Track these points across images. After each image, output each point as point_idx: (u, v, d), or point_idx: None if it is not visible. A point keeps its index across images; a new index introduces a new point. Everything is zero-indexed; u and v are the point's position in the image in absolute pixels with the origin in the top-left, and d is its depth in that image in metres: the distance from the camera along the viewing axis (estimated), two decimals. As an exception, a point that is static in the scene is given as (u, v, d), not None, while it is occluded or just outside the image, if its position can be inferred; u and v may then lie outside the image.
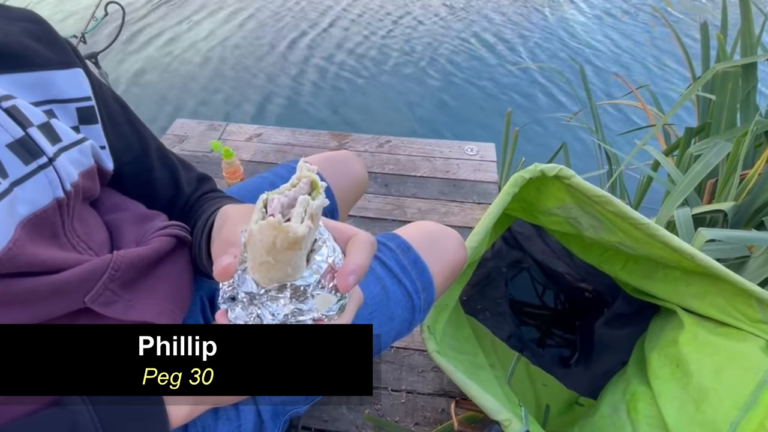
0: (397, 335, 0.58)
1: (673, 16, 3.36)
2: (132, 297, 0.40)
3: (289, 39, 3.34)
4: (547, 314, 1.28)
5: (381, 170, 1.58)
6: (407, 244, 0.59)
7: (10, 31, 0.40)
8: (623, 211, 0.69)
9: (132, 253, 0.40)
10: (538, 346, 1.19)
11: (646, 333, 0.89)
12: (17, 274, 0.33)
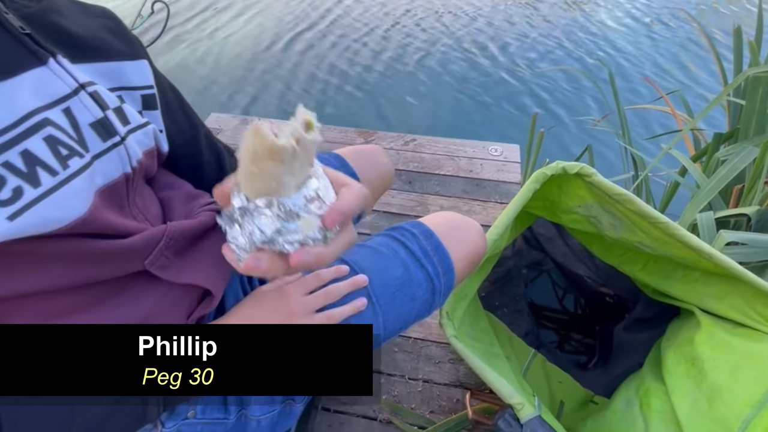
0: (417, 316, 0.61)
1: (705, 22, 3.28)
2: (182, 263, 0.45)
3: (317, 37, 3.42)
4: (566, 318, 1.29)
5: (405, 167, 1.62)
6: (430, 230, 0.62)
7: (90, 26, 0.46)
8: (643, 209, 0.71)
9: (183, 225, 0.46)
10: (557, 348, 1.20)
11: (664, 334, 0.89)
12: (93, 235, 0.38)
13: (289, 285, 0.52)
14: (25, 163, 0.32)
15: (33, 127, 0.34)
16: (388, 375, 1.07)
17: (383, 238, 0.63)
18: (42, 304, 0.37)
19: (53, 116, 0.35)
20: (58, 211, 0.34)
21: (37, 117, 0.34)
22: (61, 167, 0.34)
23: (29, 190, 0.32)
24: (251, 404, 0.51)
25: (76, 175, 0.35)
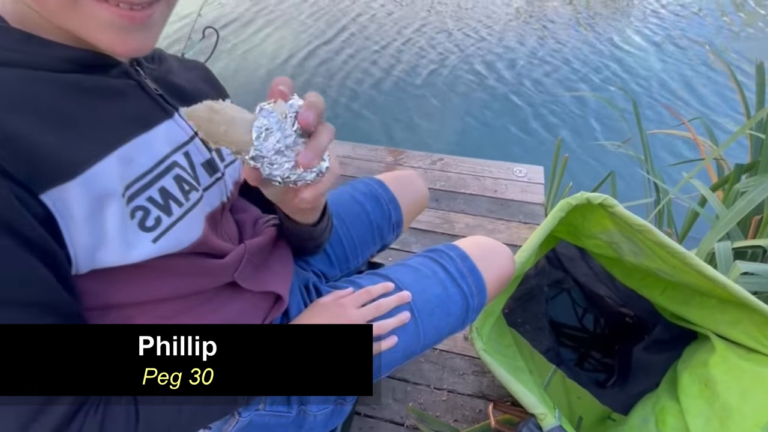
0: (452, 330, 0.69)
1: (727, 53, 3.29)
2: (259, 275, 0.54)
3: (349, 56, 3.55)
4: (585, 337, 1.32)
5: (432, 186, 1.70)
6: (465, 253, 0.70)
7: (190, 78, 0.56)
8: (661, 240, 0.77)
9: (256, 242, 0.55)
10: (577, 366, 1.24)
11: (681, 357, 0.94)
12: (200, 254, 0.47)
13: (344, 298, 0.61)
14: (162, 198, 0.42)
15: (166, 169, 0.43)
16: (414, 383, 1.14)
17: (423, 259, 0.71)
18: (159, 308, 0.46)
19: (178, 159, 0.45)
20: (184, 235, 0.43)
21: (168, 160, 0.44)
22: (185, 200, 0.44)
23: (165, 219, 0.41)
24: (310, 402, 0.59)
25: (194, 206, 0.45)
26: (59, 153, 0.34)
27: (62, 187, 0.34)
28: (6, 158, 0.31)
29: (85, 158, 0.36)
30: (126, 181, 0.39)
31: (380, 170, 1.80)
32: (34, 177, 0.32)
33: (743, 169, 1.16)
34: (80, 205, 0.35)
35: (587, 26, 3.84)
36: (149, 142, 0.42)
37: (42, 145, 0.33)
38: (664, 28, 3.79)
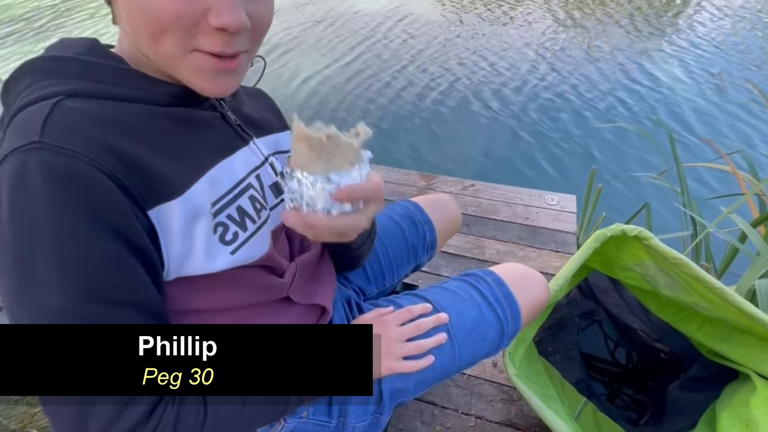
0: (487, 353, 0.71)
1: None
2: (308, 289, 0.59)
3: (383, 82, 3.66)
4: (617, 371, 1.29)
5: (464, 211, 1.72)
6: (501, 279, 0.73)
7: (257, 107, 0.62)
8: (698, 274, 0.77)
9: (305, 258, 0.60)
10: (608, 401, 1.21)
11: (720, 396, 0.92)
12: (263, 267, 0.52)
13: (386, 316, 0.64)
14: (239, 215, 0.47)
15: (243, 189, 0.48)
16: (442, 407, 1.14)
17: (460, 283, 0.74)
18: (227, 316, 0.51)
19: (252, 181, 0.50)
20: (256, 249, 0.48)
21: (244, 183, 0.49)
22: (257, 218, 0.49)
23: (242, 234, 0.46)
24: (350, 413, 0.62)
25: (264, 223, 0.50)
26: (166, 176, 0.40)
27: (166, 205, 0.40)
28: (130, 179, 0.37)
29: (185, 181, 0.42)
30: (212, 201, 0.44)
31: (412, 194, 1.84)
32: (146, 196, 0.38)
33: (785, 205, 1.14)
34: (178, 221, 0.40)
35: (624, 57, 3.84)
36: (231, 166, 0.48)
37: (155, 169, 0.39)
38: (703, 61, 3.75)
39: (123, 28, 0.42)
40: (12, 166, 0.33)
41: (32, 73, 0.40)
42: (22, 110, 0.37)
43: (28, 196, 0.33)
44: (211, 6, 0.37)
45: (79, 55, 0.42)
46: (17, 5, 5.69)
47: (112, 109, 0.40)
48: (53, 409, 0.37)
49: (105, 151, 0.36)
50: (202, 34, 0.39)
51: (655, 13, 4.84)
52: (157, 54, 0.40)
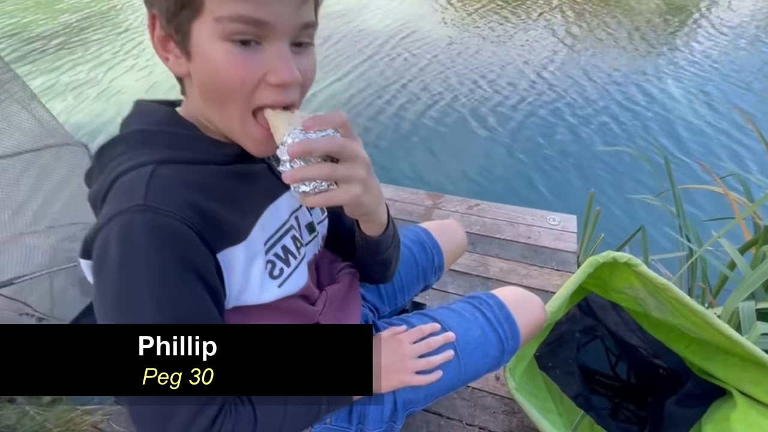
0: (489, 369, 0.79)
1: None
2: (336, 316, 0.67)
3: (384, 99, 3.77)
4: (618, 386, 1.33)
5: (468, 230, 1.80)
6: (502, 302, 0.81)
7: None
8: (682, 298, 0.85)
9: (334, 288, 0.68)
10: (609, 416, 1.25)
11: (706, 411, 0.99)
12: (302, 297, 0.61)
13: (400, 335, 0.73)
14: (284, 253, 0.56)
15: (287, 230, 0.58)
16: (447, 418, 1.22)
17: (465, 305, 0.82)
18: None
19: (293, 222, 0.59)
20: (297, 281, 0.57)
21: (288, 224, 0.58)
22: (298, 254, 0.58)
23: (286, 269, 0.55)
24: (367, 421, 0.70)
25: (303, 259, 0.59)
26: (232, 225, 0.49)
27: (231, 249, 0.49)
28: (206, 231, 0.46)
29: (246, 228, 0.51)
30: (263, 241, 0.53)
31: (420, 212, 1.93)
32: (217, 242, 0.47)
33: (773, 230, 1.21)
34: (240, 262, 0.49)
35: (623, 77, 3.94)
36: (277, 210, 0.57)
37: (224, 220, 0.48)
38: (700, 81, 3.83)
39: (193, 99, 0.52)
40: (121, 223, 0.42)
41: (126, 143, 0.50)
42: (123, 175, 0.46)
43: (134, 246, 0.42)
44: (270, 69, 0.45)
45: (163, 126, 0.51)
46: (35, 24, 5.90)
47: (192, 172, 0.49)
48: (138, 409, 0.46)
49: (190, 209, 0.45)
50: (261, 92, 0.47)
51: (654, 31, 4.94)
52: (222, 120, 0.49)
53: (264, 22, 0.43)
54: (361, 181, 0.48)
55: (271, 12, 0.43)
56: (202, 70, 0.46)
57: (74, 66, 4.67)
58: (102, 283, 0.44)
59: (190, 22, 0.44)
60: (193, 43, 0.45)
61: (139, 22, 5.86)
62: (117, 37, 5.35)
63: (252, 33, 0.43)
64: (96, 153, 0.51)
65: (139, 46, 5.06)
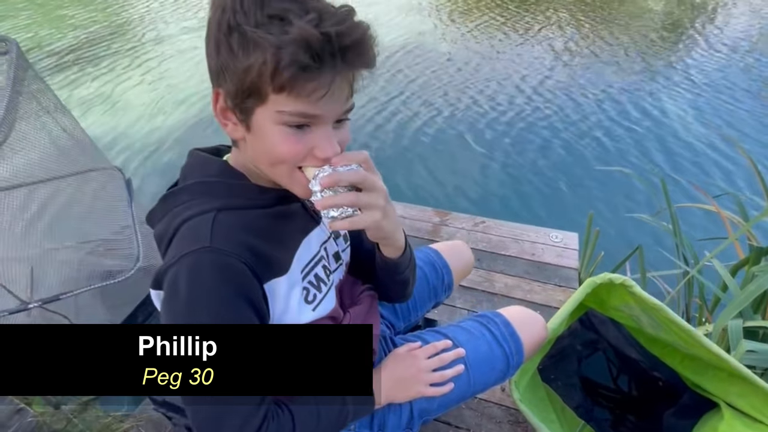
0: (495, 382, 0.87)
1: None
2: None
3: (383, 116, 3.88)
4: (619, 398, 1.38)
5: (474, 246, 1.89)
6: (508, 321, 0.89)
7: None
8: (673, 318, 0.93)
9: (356, 309, 0.77)
10: (610, 427, 1.31)
11: (698, 422, 1.06)
12: (329, 318, 0.69)
13: (416, 351, 0.81)
14: (316, 281, 0.65)
15: (318, 260, 0.66)
16: (456, 427, 1.29)
17: (474, 323, 0.90)
18: None
19: (323, 253, 0.68)
20: (328, 305, 0.66)
21: (319, 255, 0.67)
22: (327, 280, 0.67)
23: (318, 295, 0.64)
24: (387, 427, 0.79)
25: (332, 285, 0.68)
26: (277, 260, 0.58)
27: (276, 280, 0.58)
28: (257, 266, 0.55)
29: (288, 261, 0.60)
30: (299, 271, 0.62)
31: (428, 229, 2.02)
32: (264, 275, 0.56)
33: (763, 252, 1.29)
34: (283, 290, 0.59)
35: (621, 98, 4.04)
36: (309, 243, 0.66)
37: (271, 256, 0.57)
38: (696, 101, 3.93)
39: (244, 151, 0.60)
40: (190, 261, 0.52)
41: (189, 192, 0.59)
42: (189, 220, 0.55)
43: (201, 281, 0.51)
44: (316, 145, 0.54)
45: (219, 177, 0.60)
46: (45, 41, 6.08)
47: (244, 216, 0.58)
48: (196, 411, 0.54)
49: (245, 249, 0.54)
50: (309, 159, 0.55)
51: (650, 48, 5.04)
52: (274, 174, 0.58)
53: (317, 116, 0.52)
54: (381, 208, 0.57)
55: (323, 108, 0.52)
56: (260, 143, 0.55)
57: (87, 81, 4.83)
58: (172, 311, 0.53)
59: (254, 107, 0.52)
60: (254, 121, 0.53)
61: (147, 37, 6.03)
62: (120, 56, 5.52)
63: (305, 122, 0.53)
64: (161, 198, 0.61)
65: (147, 63, 5.21)
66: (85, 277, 1.57)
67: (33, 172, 1.09)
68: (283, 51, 0.46)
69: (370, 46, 0.50)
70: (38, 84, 1.06)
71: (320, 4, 0.48)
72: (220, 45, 0.50)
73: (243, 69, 0.49)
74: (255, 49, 0.48)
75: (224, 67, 0.51)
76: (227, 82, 0.51)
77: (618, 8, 6.39)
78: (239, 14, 0.48)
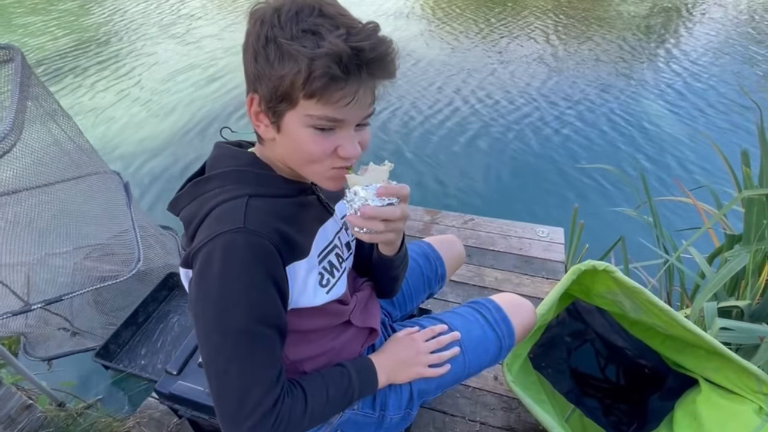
0: (489, 363, 0.92)
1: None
2: (363, 316, 0.81)
3: (378, 120, 3.95)
4: (608, 387, 1.44)
5: (465, 243, 1.94)
6: (499, 306, 0.95)
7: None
8: (652, 299, 0.99)
9: (361, 294, 0.82)
10: (603, 415, 1.36)
11: (679, 398, 1.13)
12: (338, 301, 0.74)
13: (414, 334, 0.86)
14: (329, 267, 0.69)
15: (332, 248, 0.71)
16: (451, 415, 1.34)
17: (467, 308, 0.96)
18: (313, 335, 0.73)
19: (336, 241, 0.73)
20: (340, 289, 0.71)
21: (332, 243, 0.72)
22: (340, 267, 0.72)
23: (332, 279, 0.69)
24: (388, 407, 0.83)
25: (344, 271, 0.72)
26: (300, 244, 0.63)
27: (297, 263, 0.62)
28: (283, 249, 0.59)
29: (308, 247, 0.64)
30: (316, 256, 0.67)
31: (419, 227, 2.07)
32: (288, 258, 0.60)
33: (735, 239, 1.37)
34: (302, 273, 0.63)
35: (604, 98, 4.16)
36: (324, 231, 0.71)
37: (295, 240, 0.62)
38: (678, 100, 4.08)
39: (271, 149, 0.64)
40: (224, 240, 0.55)
41: (220, 179, 0.63)
42: (223, 204, 0.59)
43: (235, 258, 0.55)
44: (340, 145, 0.59)
45: (250, 167, 0.64)
46: (36, 49, 6.04)
47: (273, 203, 0.62)
48: (219, 387, 0.58)
49: (275, 232, 0.58)
50: (335, 159, 0.60)
51: (634, 50, 5.21)
52: (304, 172, 0.62)
53: (341, 120, 0.57)
54: (400, 232, 0.65)
55: (348, 114, 0.57)
56: (289, 143, 0.59)
57: (77, 89, 4.80)
58: (205, 286, 0.57)
59: (285, 111, 0.57)
60: (285, 123, 0.58)
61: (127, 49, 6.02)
62: (111, 63, 5.50)
63: (330, 125, 0.57)
64: (189, 185, 0.65)
65: (132, 72, 5.21)
66: (82, 281, 1.59)
67: (40, 175, 1.11)
68: (316, 62, 0.51)
69: (392, 59, 0.56)
70: (41, 89, 1.09)
71: (349, 21, 0.54)
72: (258, 55, 0.55)
73: (278, 77, 0.54)
74: (290, 60, 0.52)
75: (260, 74, 0.55)
76: (262, 87, 0.56)
77: (594, 12, 6.58)
78: (276, 28, 0.53)
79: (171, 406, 1.03)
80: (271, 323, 0.59)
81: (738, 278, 1.28)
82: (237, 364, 0.56)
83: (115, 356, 1.63)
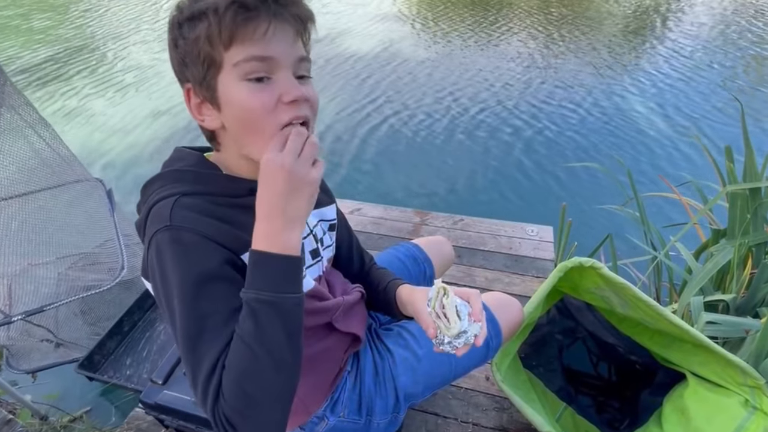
0: (476, 364, 0.92)
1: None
2: (347, 320, 0.79)
3: (371, 122, 3.95)
4: (600, 384, 1.44)
5: (455, 243, 1.94)
6: (486, 305, 0.94)
7: None
8: (638, 295, 0.99)
9: (349, 298, 0.80)
10: (596, 412, 1.36)
11: (668, 392, 1.13)
12: (314, 297, 0.72)
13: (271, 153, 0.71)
14: None
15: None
16: (444, 417, 1.33)
17: (455, 309, 0.95)
18: None
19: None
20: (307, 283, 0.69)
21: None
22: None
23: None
24: (375, 412, 0.82)
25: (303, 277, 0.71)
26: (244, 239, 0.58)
27: (246, 254, 0.59)
28: (224, 240, 0.57)
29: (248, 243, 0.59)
30: None
31: (409, 229, 2.07)
32: (237, 249, 0.58)
33: (720, 233, 1.38)
34: None
35: (590, 97, 4.20)
36: None
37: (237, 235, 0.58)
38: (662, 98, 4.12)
39: (227, 148, 0.63)
40: (156, 241, 0.55)
41: (163, 179, 0.62)
42: (156, 204, 0.58)
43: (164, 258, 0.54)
44: (282, 91, 0.57)
45: (191, 167, 0.63)
46: (24, 56, 5.97)
47: (209, 202, 0.60)
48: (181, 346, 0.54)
49: (206, 225, 0.56)
50: (281, 112, 0.57)
51: (618, 52, 5.27)
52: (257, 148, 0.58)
53: (269, 58, 0.56)
54: None
55: (273, 49, 0.56)
56: (231, 111, 0.58)
57: (58, 97, 4.75)
58: (155, 291, 0.57)
59: (215, 77, 0.56)
60: (220, 93, 0.57)
61: (113, 55, 5.97)
62: (95, 71, 5.45)
63: (263, 70, 0.56)
64: (142, 188, 0.64)
65: (118, 78, 5.17)
66: (66, 292, 1.57)
67: (17, 185, 1.09)
68: (220, 7, 0.53)
69: None
70: (18, 98, 1.07)
71: None
72: (176, 39, 0.57)
73: (194, 40, 0.55)
74: (199, 21, 0.55)
75: (183, 54, 0.57)
76: (189, 67, 0.57)
77: (583, 12, 6.65)
78: (180, 12, 0.57)
79: (157, 417, 1.01)
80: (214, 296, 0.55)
81: (724, 272, 1.29)
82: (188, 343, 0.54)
83: (100, 367, 1.60)
